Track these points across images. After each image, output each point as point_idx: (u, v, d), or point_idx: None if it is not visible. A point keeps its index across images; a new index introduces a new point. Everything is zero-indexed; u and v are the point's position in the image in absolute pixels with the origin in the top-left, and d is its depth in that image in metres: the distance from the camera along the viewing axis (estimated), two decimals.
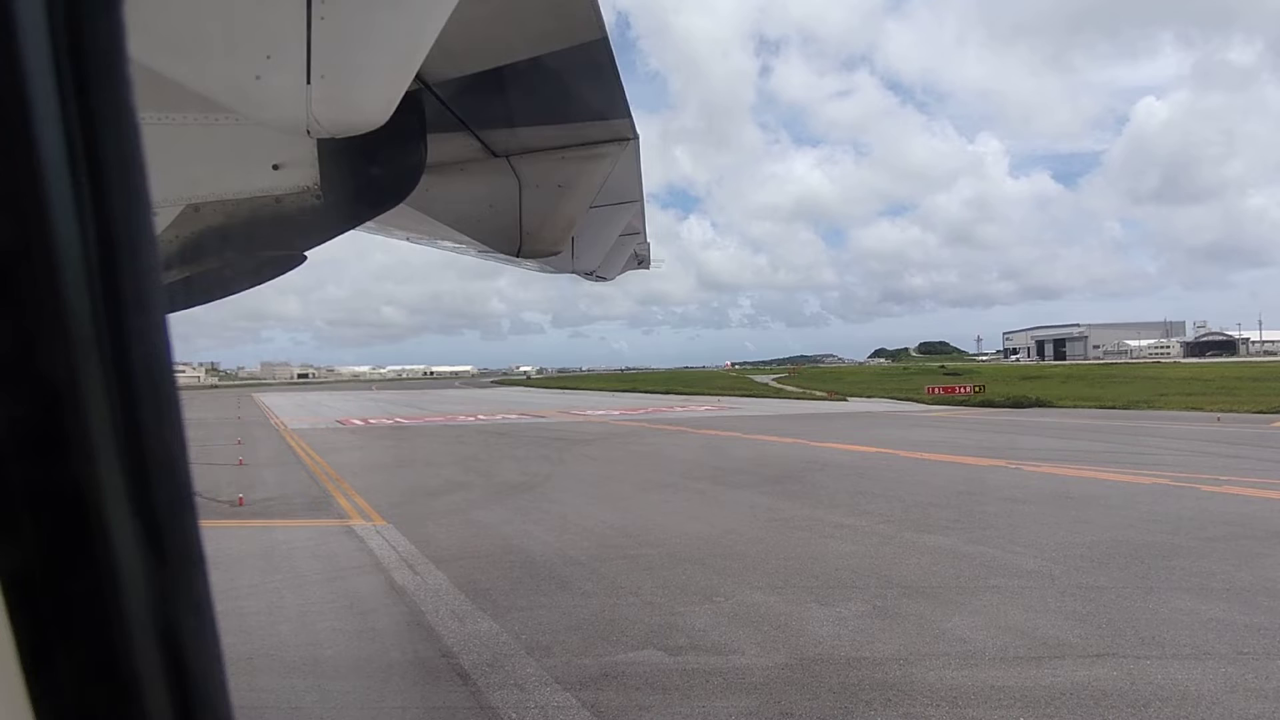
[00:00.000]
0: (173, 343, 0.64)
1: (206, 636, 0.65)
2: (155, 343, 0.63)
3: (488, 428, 29.74)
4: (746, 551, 8.98)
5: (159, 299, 0.64)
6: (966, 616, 6.54)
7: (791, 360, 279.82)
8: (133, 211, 0.62)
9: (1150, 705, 4.86)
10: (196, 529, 0.66)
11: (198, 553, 0.65)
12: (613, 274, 9.59)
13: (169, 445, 0.63)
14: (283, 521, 11.48)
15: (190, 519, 0.65)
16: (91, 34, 0.59)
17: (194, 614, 0.64)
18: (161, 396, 0.63)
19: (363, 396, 68.84)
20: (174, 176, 2.79)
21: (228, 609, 6.98)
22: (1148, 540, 9.03)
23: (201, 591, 0.65)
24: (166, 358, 0.64)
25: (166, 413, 0.63)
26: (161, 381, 0.63)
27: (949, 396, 44.04)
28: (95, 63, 0.59)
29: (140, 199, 0.63)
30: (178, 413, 0.64)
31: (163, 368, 0.63)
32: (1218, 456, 16.91)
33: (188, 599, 0.64)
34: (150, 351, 0.62)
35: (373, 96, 2.43)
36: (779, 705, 4.97)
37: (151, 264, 0.64)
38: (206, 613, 0.66)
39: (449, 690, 5.31)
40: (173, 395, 0.64)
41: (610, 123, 4.94)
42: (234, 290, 3.79)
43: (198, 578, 0.65)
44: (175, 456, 0.64)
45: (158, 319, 0.63)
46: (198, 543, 0.65)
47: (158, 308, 0.63)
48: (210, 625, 0.66)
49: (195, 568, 0.65)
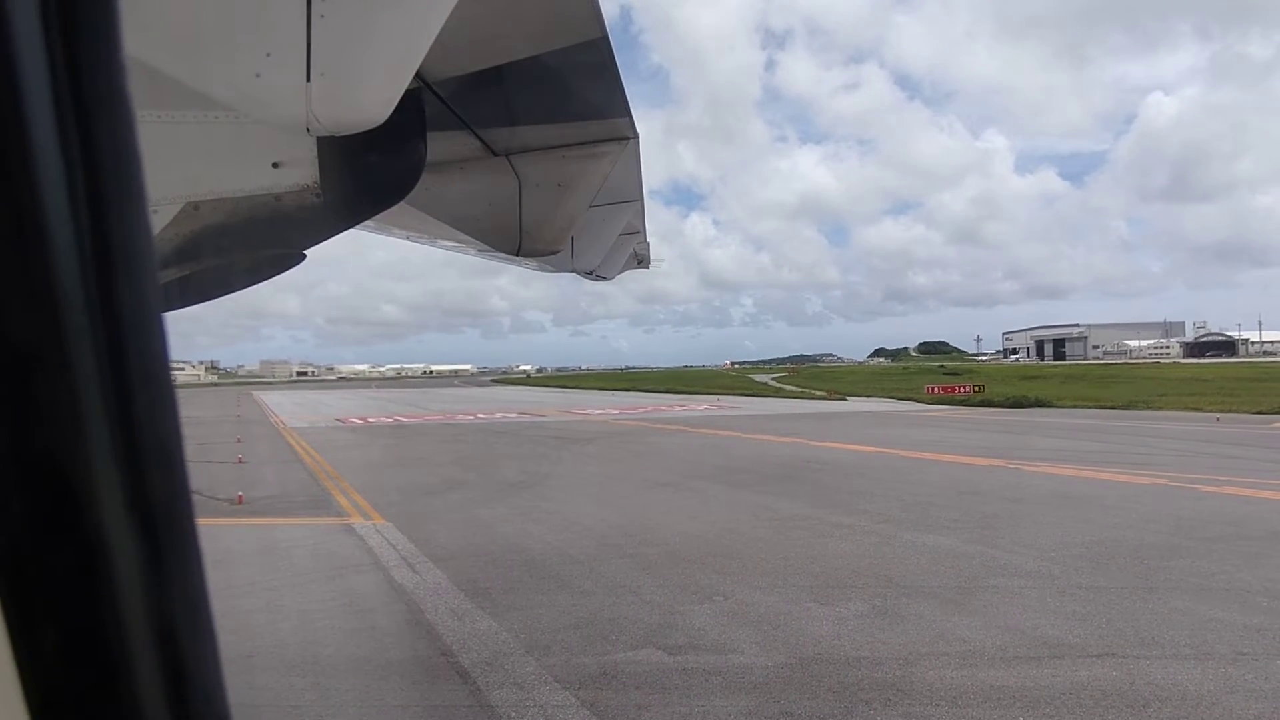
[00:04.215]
0: (169, 339, 0.64)
1: (203, 633, 0.65)
2: (151, 339, 0.62)
3: (487, 426, 29.74)
4: (746, 551, 8.97)
5: (155, 295, 0.64)
6: (966, 616, 6.54)
7: (792, 359, 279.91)
8: (128, 207, 0.61)
9: (1150, 705, 4.85)
10: (193, 525, 0.65)
11: (194, 549, 0.65)
12: (612, 273, 9.59)
13: (165, 441, 0.62)
14: (282, 520, 11.47)
15: (187, 515, 0.64)
16: (86, 28, 0.59)
17: (190, 610, 0.64)
18: (158, 392, 0.62)
19: (362, 395, 68.88)
20: (173, 174, 2.78)
21: (227, 607, 6.98)
22: (1147, 540, 9.03)
23: (198, 588, 0.65)
24: (163, 354, 0.63)
25: (163, 408, 0.63)
26: (158, 377, 0.62)
27: (948, 396, 44.06)
28: (90, 57, 0.59)
29: (136, 195, 0.62)
30: (174, 408, 0.64)
31: (159, 364, 0.63)
32: (1217, 457, 16.91)
33: (184, 595, 0.63)
34: (147, 347, 0.62)
35: (373, 95, 2.43)
36: (779, 704, 4.96)
37: (148, 260, 0.63)
38: (203, 609, 0.65)
39: (449, 689, 5.31)
40: (169, 391, 0.64)
41: (610, 121, 4.93)
42: (233, 288, 3.77)
43: (194, 574, 0.65)
44: (172, 452, 0.63)
45: (154, 315, 0.63)
46: (194, 539, 0.65)
47: (154, 304, 0.63)
48: (207, 621, 0.65)
49: (192, 564, 0.64)
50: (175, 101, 2.61)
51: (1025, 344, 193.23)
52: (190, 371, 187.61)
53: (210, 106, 2.63)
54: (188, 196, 2.82)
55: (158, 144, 2.70)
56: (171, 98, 2.56)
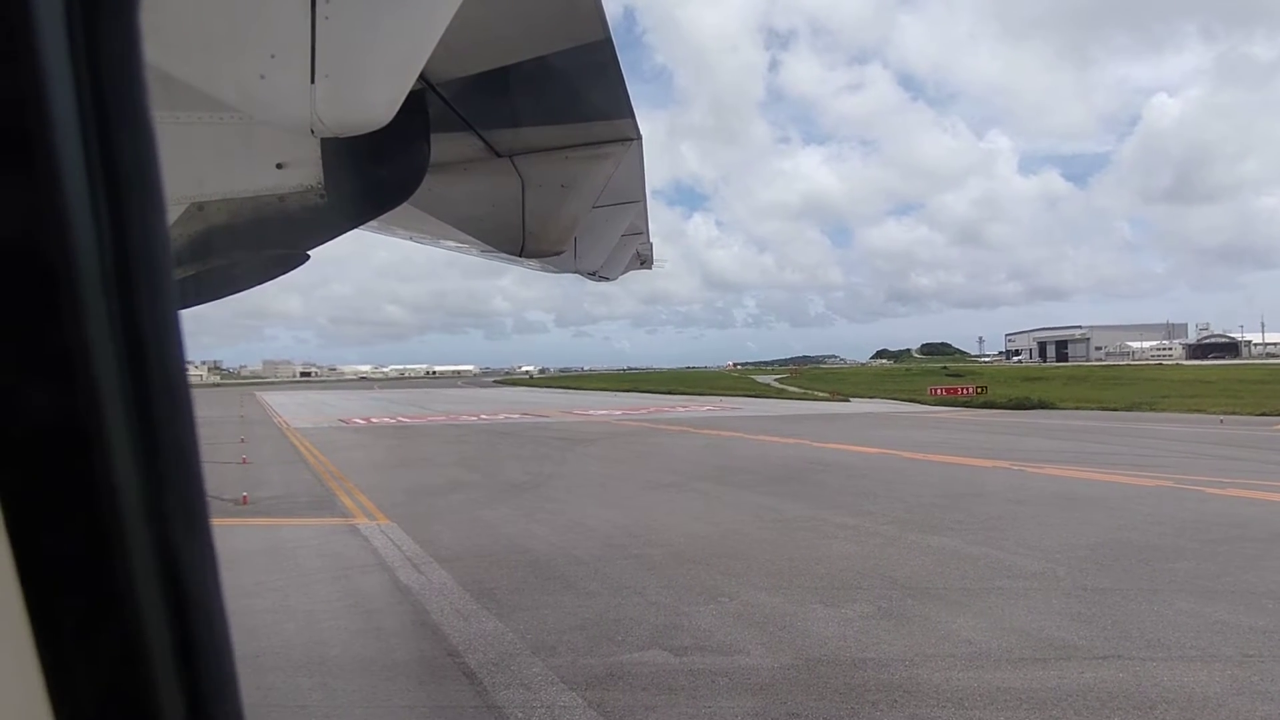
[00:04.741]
0: (184, 338, 0.65)
1: (217, 632, 0.66)
2: (170, 343, 0.63)
3: (490, 427, 29.76)
4: (750, 552, 8.98)
5: (173, 297, 0.65)
6: (971, 618, 6.54)
7: (794, 360, 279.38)
8: (148, 212, 0.63)
9: (1157, 707, 4.86)
10: (208, 526, 0.66)
11: (210, 550, 0.66)
12: (615, 274, 9.60)
13: (182, 444, 0.64)
14: (287, 520, 11.50)
15: (203, 517, 0.66)
16: (108, 37, 0.60)
17: (206, 609, 0.65)
18: (176, 396, 0.63)
19: (365, 395, 68.91)
20: (178, 175, 2.80)
21: (234, 607, 6.91)
22: (1151, 542, 9.03)
23: (213, 588, 0.66)
24: (180, 358, 0.65)
25: (180, 412, 0.64)
26: (176, 381, 0.63)
27: (951, 398, 44.00)
28: (112, 66, 0.60)
29: (155, 200, 0.64)
30: (190, 412, 0.65)
31: (177, 368, 0.64)
32: (1221, 459, 16.89)
33: (200, 595, 0.65)
34: (165, 351, 0.63)
35: (377, 96, 2.44)
36: (785, 706, 4.97)
37: (166, 265, 0.65)
38: (218, 609, 0.67)
39: (455, 689, 5.32)
40: (186, 395, 0.65)
41: (613, 123, 4.94)
42: (237, 288, 3.79)
43: (210, 574, 0.66)
44: (189, 455, 0.65)
45: (172, 319, 0.64)
46: (209, 540, 0.66)
47: (172, 305, 0.64)
48: (221, 621, 0.67)
49: (208, 565, 0.66)
50: (180, 102, 2.63)
51: (1028, 345, 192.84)
52: (193, 371, 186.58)
53: (215, 108, 2.65)
54: (192, 197, 2.84)
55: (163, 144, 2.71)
56: (176, 99, 2.58)
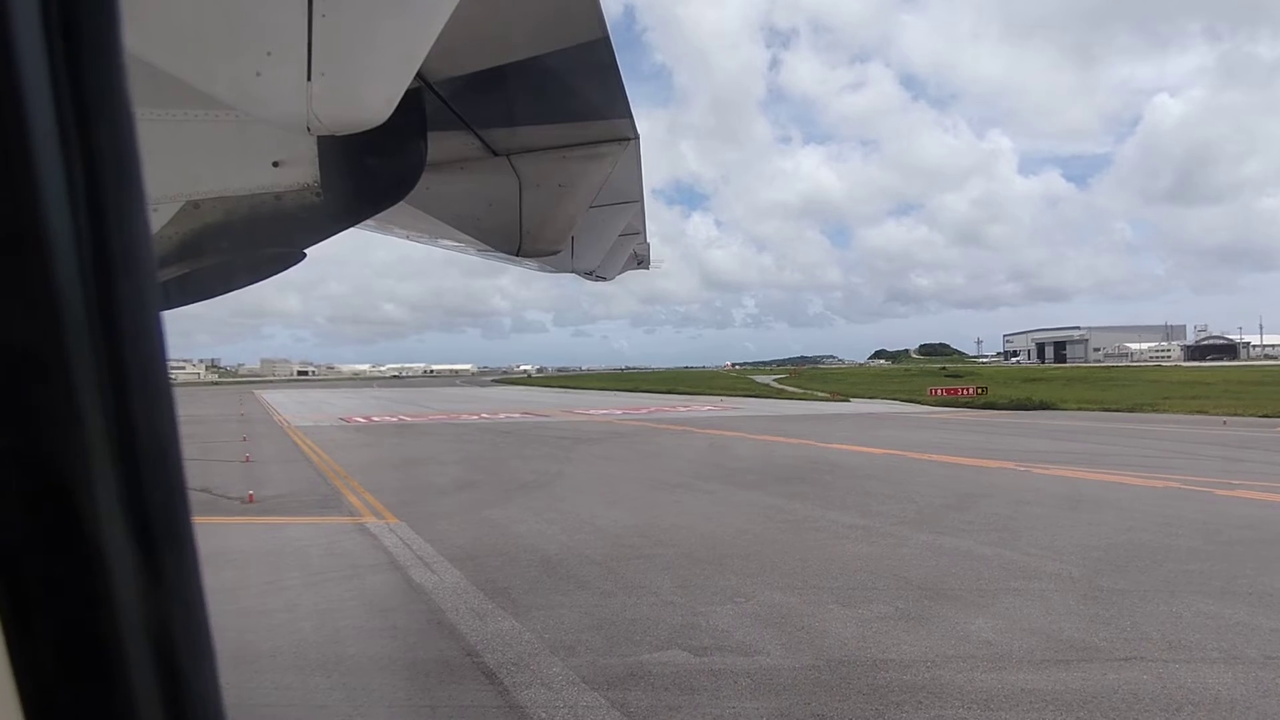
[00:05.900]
0: (167, 339, 0.64)
1: (199, 634, 0.65)
2: (149, 340, 0.62)
3: (491, 426, 29.72)
4: (762, 552, 8.95)
5: (154, 296, 0.64)
6: (990, 619, 6.52)
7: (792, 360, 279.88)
8: (128, 208, 0.62)
9: (1183, 709, 4.83)
10: (189, 525, 0.65)
11: (190, 549, 0.64)
12: (612, 274, 9.58)
13: (162, 442, 0.62)
14: (294, 519, 11.45)
15: (183, 515, 0.64)
16: (86, 26, 0.59)
17: (186, 611, 0.64)
18: (155, 393, 0.62)
19: (364, 394, 68.86)
20: (174, 173, 2.78)
21: (246, 606, 6.96)
22: (1164, 543, 9.01)
23: (194, 588, 0.65)
24: (161, 355, 0.63)
25: (160, 409, 0.62)
26: (155, 378, 0.62)
27: (952, 398, 44.05)
28: (90, 55, 0.59)
29: (136, 196, 0.62)
30: (172, 409, 0.64)
31: (157, 365, 0.63)
32: (1227, 460, 16.90)
33: (180, 596, 0.63)
34: (144, 349, 0.62)
35: (373, 94, 2.41)
36: (810, 706, 4.94)
37: (146, 261, 0.63)
38: (198, 609, 0.65)
39: (476, 689, 5.28)
40: (166, 392, 0.64)
41: (611, 122, 4.92)
42: (234, 287, 3.78)
43: (190, 573, 0.64)
44: (169, 453, 0.63)
45: (152, 316, 0.63)
46: (191, 539, 0.65)
47: (153, 305, 0.63)
48: (202, 622, 0.65)
49: (188, 563, 0.64)
50: (176, 100, 2.61)
51: (1026, 346, 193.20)
52: (190, 370, 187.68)
53: (211, 105, 2.63)
54: (188, 195, 2.82)
55: (158, 142, 2.70)
56: (172, 96, 2.56)
